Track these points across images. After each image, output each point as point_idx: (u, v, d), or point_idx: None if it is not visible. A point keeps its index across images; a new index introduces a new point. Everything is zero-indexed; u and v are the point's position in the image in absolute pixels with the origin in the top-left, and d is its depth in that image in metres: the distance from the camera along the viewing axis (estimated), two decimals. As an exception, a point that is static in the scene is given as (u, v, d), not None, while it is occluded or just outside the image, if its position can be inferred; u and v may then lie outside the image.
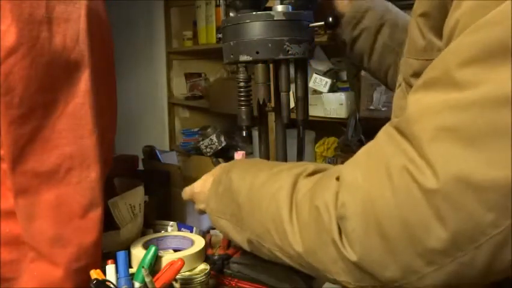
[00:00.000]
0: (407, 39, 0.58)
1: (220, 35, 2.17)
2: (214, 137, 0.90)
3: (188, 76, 2.70)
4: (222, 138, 0.90)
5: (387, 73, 0.87)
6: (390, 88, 0.89)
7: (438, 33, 0.48)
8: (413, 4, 0.55)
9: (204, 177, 0.78)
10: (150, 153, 1.25)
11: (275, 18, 0.78)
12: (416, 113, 0.41)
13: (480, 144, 0.37)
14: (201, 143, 0.91)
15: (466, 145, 0.37)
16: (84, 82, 0.71)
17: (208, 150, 0.90)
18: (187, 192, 0.82)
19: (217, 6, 2.26)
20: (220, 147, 0.91)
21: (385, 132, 0.46)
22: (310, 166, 0.56)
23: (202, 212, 0.78)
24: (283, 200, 0.52)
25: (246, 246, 0.62)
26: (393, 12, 0.85)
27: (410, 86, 0.57)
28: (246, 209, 0.60)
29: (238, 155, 0.85)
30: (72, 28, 0.69)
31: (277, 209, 0.53)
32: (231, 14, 0.84)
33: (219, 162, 0.86)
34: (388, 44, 0.83)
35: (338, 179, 0.48)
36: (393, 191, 0.41)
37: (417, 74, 0.55)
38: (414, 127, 0.41)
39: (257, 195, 0.58)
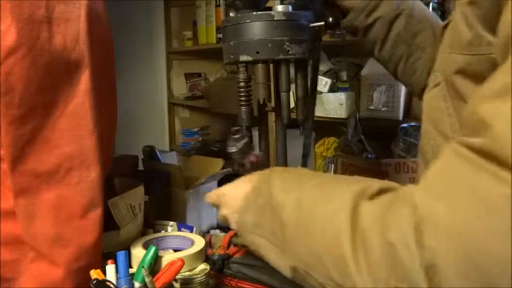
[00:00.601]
0: (450, 32, 0.52)
1: (220, 35, 2.17)
2: (247, 139, 0.80)
3: (188, 76, 2.70)
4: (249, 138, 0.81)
5: (398, 64, 0.83)
6: (401, 80, 0.87)
7: (488, 25, 0.43)
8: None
9: (236, 182, 0.68)
10: (150, 153, 1.25)
11: (275, 18, 0.78)
12: (507, 131, 0.33)
13: None
14: (238, 149, 0.79)
15: None
16: (84, 82, 0.71)
17: (241, 156, 0.80)
18: (211, 195, 0.73)
19: (217, 6, 2.26)
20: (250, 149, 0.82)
21: (460, 156, 0.37)
22: (373, 184, 0.46)
23: (225, 219, 0.69)
24: (344, 229, 0.43)
25: (287, 273, 0.54)
26: (409, 2, 0.81)
27: (452, 86, 0.51)
28: (292, 231, 0.50)
29: (253, 156, 0.80)
30: (72, 28, 0.69)
31: (335, 239, 0.44)
32: (231, 14, 0.84)
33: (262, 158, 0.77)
34: (402, 34, 0.80)
35: (410, 206, 0.39)
36: (498, 225, 0.32)
37: (462, 71, 0.50)
38: (503, 150, 0.33)
39: (307, 216, 0.48)
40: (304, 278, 0.50)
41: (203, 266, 0.82)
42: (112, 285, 0.68)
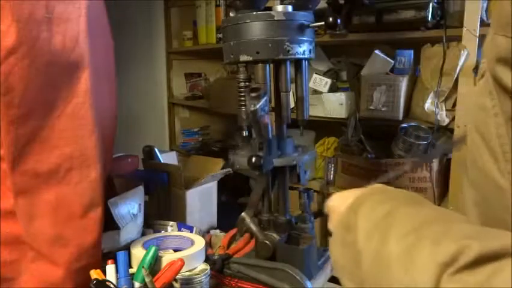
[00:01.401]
0: (497, 5, 0.42)
1: (220, 35, 2.17)
2: (267, 96, 0.75)
3: (188, 76, 2.70)
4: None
5: None
6: None
7: None
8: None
9: (344, 193, 0.57)
10: (150, 153, 1.25)
11: (275, 18, 0.78)
12: None
13: None
14: (259, 106, 0.71)
15: None
16: (84, 82, 0.71)
17: (262, 114, 0.74)
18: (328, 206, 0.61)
19: (217, 6, 2.26)
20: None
21: None
22: (471, 246, 0.32)
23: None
24: None
25: None
26: None
27: (495, 77, 0.42)
28: (368, 282, 0.43)
29: (266, 118, 0.75)
30: (72, 28, 0.69)
31: None
32: (231, 14, 0.84)
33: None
34: None
35: None
36: None
37: (504, 60, 0.40)
38: None
39: (382, 278, 0.40)
40: None
41: (203, 266, 0.82)
42: (112, 285, 0.68)
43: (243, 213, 0.92)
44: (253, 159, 0.75)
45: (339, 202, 0.55)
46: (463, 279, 0.30)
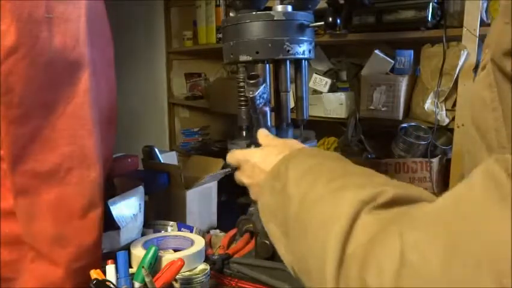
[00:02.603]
0: None
1: (220, 35, 2.17)
2: (266, 84, 0.75)
3: (188, 76, 2.70)
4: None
5: None
6: None
7: None
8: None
9: (266, 151, 0.61)
10: (150, 153, 1.25)
11: (275, 18, 0.78)
12: None
13: None
14: (256, 93, 0.72)
15: None
16: (84, 82, 0.71)
17: (261, 101, 0.74)
18: (236, 156, 0.65)
19: (217, 6, 2.26)
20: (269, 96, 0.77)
21: (490, 180, 0.27)
22: (389, 190, 0.37)
23: (242, 184, 0.63)
24: (334, 244, 0.36)
25: (290, 270, 0.49)
26: None
27: (500, 69, 0.41)
28: (292, 227, 0.46)
29: (266, 108, 0.74)
30: (72, 28, 0.69)
31: (323, 254, 0.37)
32: (231, 14, 0.84)
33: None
34: None
35: (402, 240, 0.31)
36: None
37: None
38: None
39: (308, 214, 0.43)
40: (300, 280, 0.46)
41: (203, 266, 0.82)
42: (112, 285, 0.68)
43: (251, 209, 0.90)
44: (252, 147, 0.75)
45: (260, 160, 0.60)
46: (379, 214, 0.35)
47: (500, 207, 0.25)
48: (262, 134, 0.67)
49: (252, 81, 0.71)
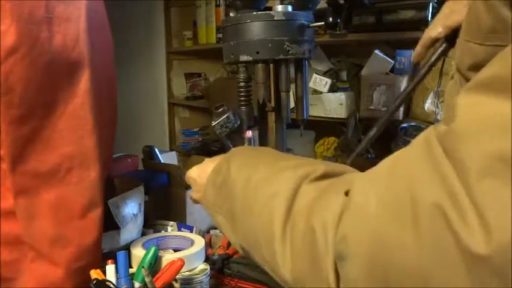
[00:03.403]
0: (468, 11, 0.41)
1: (220, 35, 2.17)
2: (230, 115, 0.81)
3: (188, 76, 2.70)
4: (236, 117, 0.82)
5: None
6: None
7: None
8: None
9: (202, 164, 0.67)
10: (150, 153, 1.25)
11: (275, 18, 0.78)
12: (465, 125, 0.29)
13: None
14: (217, 122, 0.81)
15: None
16: (84, 82, 0.71)
17: (224, 130, 0.81)
18: (186, 178, 0.72)
19: (217, 6, 2.25)
20: (236, 125, 0.82)
21: (425, 140, 0.32)
22: (320, 167, 0.44)
23: (196, 201, 0.68)
24: (279, 210, 0.41)
25: (239, 250, 0.53)
26: None
27: (466, 80, 0.43)
28: (239, 207, 0.50)
29: (248, 133, 0.80)
30: (72, 28, 0.69)
31: (269, 220, 0.42)
32: (231, 14, 0.84)
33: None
34: None
35: (347, 193, 0.36)
36: (415, 238, 0.28)
37: (478, 66, 0.39)
38: (460, 146, 0.28)
39: (251, 194, 0.48)
40: (250, 257, 0.50)
41: (203, 266, 0.82)
42: (112, 285, 0.68)
43: None
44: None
45: (199, 172, 0.65)
46: (316, 184, 0.42)
47: (426, 160, 0.30)
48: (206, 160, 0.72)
49: (218, 111, 0.77)
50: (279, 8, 0.80)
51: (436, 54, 0.80)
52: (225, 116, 0.80)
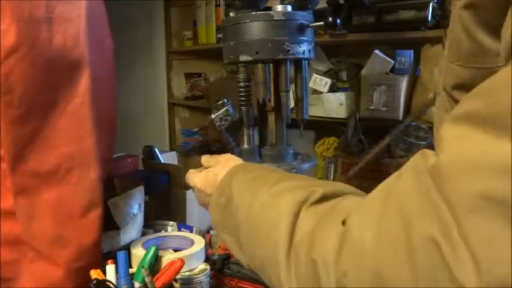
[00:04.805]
0: (450, 35, 0.43)
1: (220, 35, 2.17)
2: (229, 107, 0.82)
3: (188, 76, 2.70)
4: (235, 110, 0.83)
5: None
6: None
7: (494, 31, 0.35)
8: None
9: (203, 172, 0.68)
10: (150, 153, 1.25)
11: (275, 18, 0.78)
12: (451, 160, 0.29)
13: None
14: (216, 115, 0.82)
15: None
16: (84, 82, 0.71)
17: (223, 122, 0.82)
18: (188, 181, 0.73)
19: (217, 6, 2.26)
20: (235, 118, 0.83)
21: (415, 172, 0.33)
22: (318, 190, 0.44)
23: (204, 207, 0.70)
24: (281, 239, 0.43)
25: (247, 267, 0.56)
26: None
27: (453, 98, 0.44)
28: (245, 232, 0.52)
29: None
30: (72, 28, 0.69)
31: (274, 248, 0.44)
32: (231, 14, 0.84)
33: None
34: None
35: (340, 223, 0.37)
36: (412, 272, 0.29)
37: (462, 87, 0.42)
38: (448, 184, 0.29)
39: (255, 222, 0.50)
40: (258, 274, 0.52)
41: (203, 266, 0.82)
42: (112, 285, 0.68)
43: None
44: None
45: (203, 182, 0.66)
46: (315, 209, 0.43)
47: (418, 195, 0.31)
48: (204, 157, 0.73)
49: (215, 104, 0.79)
50: (279, 8, 0.80)
51: None
52: (224, 109, 0.80)
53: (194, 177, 0.69)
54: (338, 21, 0.82)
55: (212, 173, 0.65)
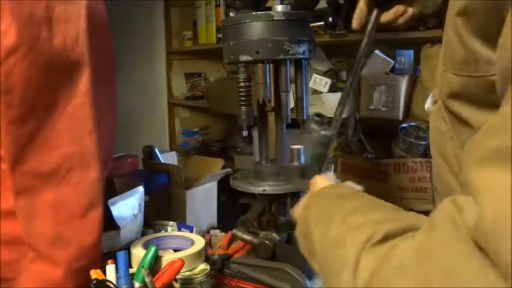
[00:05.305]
0: (444, 43, 0.43)
1: (220, 35, 2.17)
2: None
3: (188, 76, 2.70)
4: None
5: None
6: None
7: (487, 39, 0.36)
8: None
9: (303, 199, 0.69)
10: (150, 153, 1.25)
11: (275, 18, 0.78)
12: (494, 219, 0.28)
13: None
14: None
15: None
16: (84, 82, 0.71)
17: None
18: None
19: (217, 6, 2.25)
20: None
21: (454, 227, 0.32)
22: (381, 229, 0.44)
23: None
24: (346, 281, 0.44)
25: None
26: None
27: (448, 108, 0.45)
28: (320, 266, 0.54)
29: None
30: (72, 28, 0.69)
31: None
32: (231, 14, 0.84)
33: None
34: None
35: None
36: None
37: (457, 96, 0.42)
38: (499, 242, 0.27)
39: (328, 256, 0.52)
40: None
41: (203, 266, 0.82)
42: (112, 285, 0.68)
43: (234, 230, 0.90)
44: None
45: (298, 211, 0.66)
46: (374, 251, 0.42)
47: (457, 242, 0.31)
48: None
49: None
50: (279, 8, 0.80)
51: (371, 22, 0.86)
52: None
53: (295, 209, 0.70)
54: (338, 21, 0.82)
55: (302, 200, 0.66)
